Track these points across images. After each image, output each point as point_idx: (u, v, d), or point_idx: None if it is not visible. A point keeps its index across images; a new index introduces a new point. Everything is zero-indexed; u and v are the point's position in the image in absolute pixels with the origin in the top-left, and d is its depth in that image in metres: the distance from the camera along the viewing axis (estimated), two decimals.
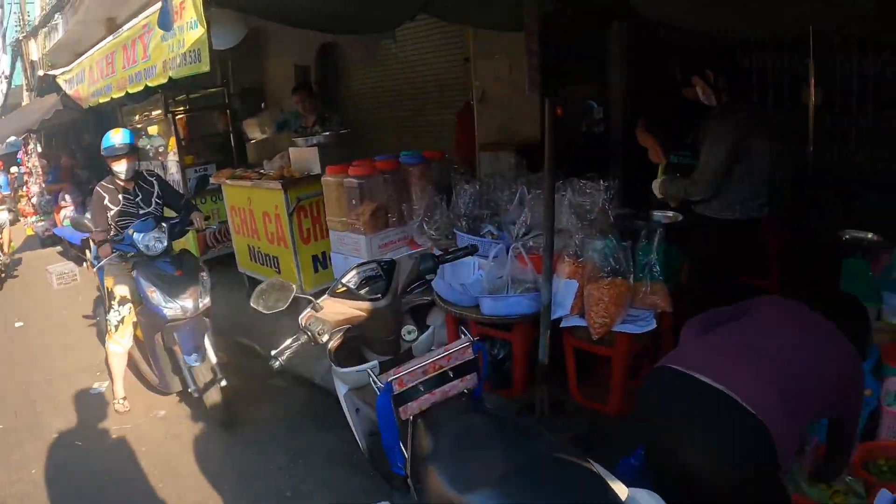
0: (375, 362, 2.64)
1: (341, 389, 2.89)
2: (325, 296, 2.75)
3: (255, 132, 9.32)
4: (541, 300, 3.87)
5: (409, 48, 8.53)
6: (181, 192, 7.28)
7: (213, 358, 4.71)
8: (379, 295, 2.74)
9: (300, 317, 2.64)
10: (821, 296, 2.91)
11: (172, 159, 8.63)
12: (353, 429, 2.94)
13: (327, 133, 6.83)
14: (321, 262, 6.39)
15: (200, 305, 4.79)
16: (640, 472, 3.13)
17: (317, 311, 2.64)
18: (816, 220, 6.16)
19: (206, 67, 4.15)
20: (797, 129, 6.02)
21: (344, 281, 2.86)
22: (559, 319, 4.09)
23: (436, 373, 2.50)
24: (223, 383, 4.67)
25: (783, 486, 2.46)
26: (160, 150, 9.01)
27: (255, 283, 6.66)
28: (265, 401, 5.13)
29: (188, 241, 7.76)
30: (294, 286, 2.73)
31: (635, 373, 4.32)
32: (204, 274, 4.94)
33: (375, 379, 2.46)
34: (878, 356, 3.79)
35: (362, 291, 2.81)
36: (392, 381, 2.41)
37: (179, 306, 4.67)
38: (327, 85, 10.15)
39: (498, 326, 4.26)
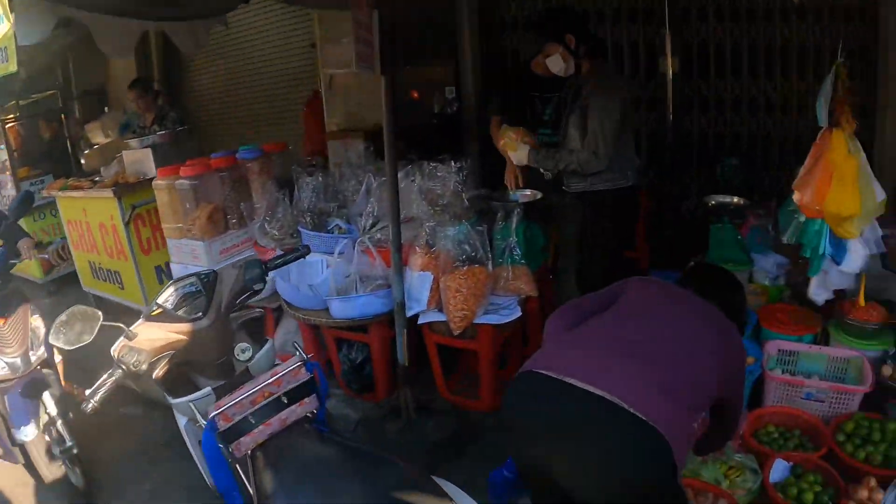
0: (208, 389, 2.32)
1: (180, 420, 2.53)
2: (140, 320, 2.40)
3: (98, 136, 8.52)
4: (393, 297, 3.50)
5: (253, 35, 8.13)
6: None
7: (57, 421, 3.75)
8: (200, 313, 2.39)
9: (112, 349, 2.30)
10: (695, 273, 2.67)
11: (3, 174, 7.75)
12: (199, 464, 2.59)
13: (162, 132, 6.28)
14: (166, 273, 5.82)
15: (33, 359, 3.78)
16: (514, 486, 2.88)
17: (130, 339, 2.28)
18: (680, 187, 6.19)
19: (13, 67, 3.77)
20: (655, 97, 6.03)
21: (160, 301, 2.48)
22: (417, 316, 3.76)
23: (267, 401, 2.20)
24: (74, 450, 3.74)
25: (681, 490, 2.15)
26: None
27: (102, 302, 6.13)
28: (119, 433, 4.50)
29: (30, 263, 6.97)
30: (100, 314, 2.35)
31: (505, 362, 4.11)
32: (36, 318, 3.95)
33: (198, 415, 2.16)
34: (756, 320, 3.72)
35: (181, 311, 2.44)
36: (215, 416, 2.10)
37: (4, 364, 3.72)
38: (171, 80, 9.54)
39: (353, 328, 3.89)
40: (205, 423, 2.12)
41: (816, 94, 5.38)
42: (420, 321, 3.77)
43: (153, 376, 2.40)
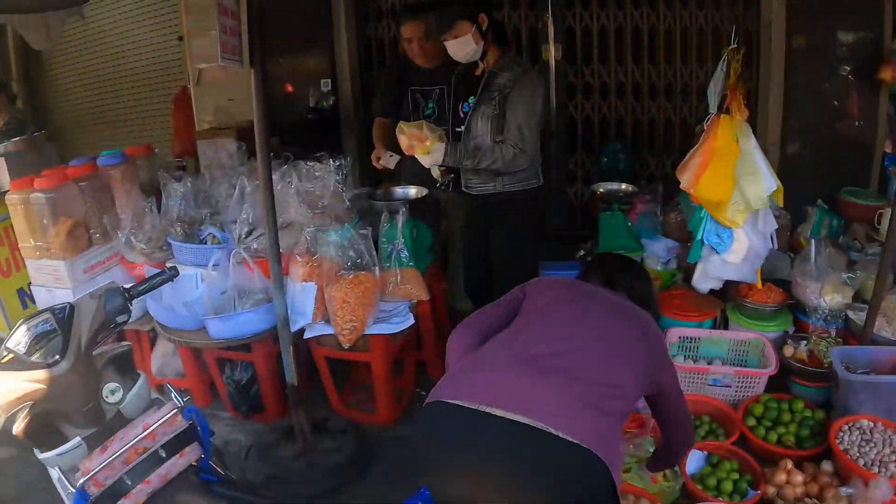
0: (77, 440, 2.09)
1: (52, 474, 2.21)
2: None
3: None
4: (276, 312, 3.21)
5: (116, 28, 7.62)
6: None
7: None
8: (57, 356, 2.10)
9: None
10: (598, 265, 2.54)
11: None
12: None
13: (17, 139, 5.70)
14: (30, 297, 5.30)
15: None
16: None
17: None
18: (565, 174, 6.16)
19: None
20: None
21: (10, 346, 2.17)
22: (303, 330, 3.51)
23: (142, 457, 2.01)
24: None
25: None
26: None
27: None
28: None
29: None
30: None
31: (400, 369, 3.93)
32: None
33: (65, 481, 1.96)
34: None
35: (35, 356, 2.15)
36: (84, 483, 1.91)
37: None
38: (30, 79, 8.83)
39: (235, 347, 3.57)
40: (73, 489, 1.90)
41: (700, 79, 5.62)
42: (306, 335, 3.51)
43: (13, 432, 2.11)
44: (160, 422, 2.04)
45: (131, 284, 2.44)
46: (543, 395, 1.84)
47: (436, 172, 3.65)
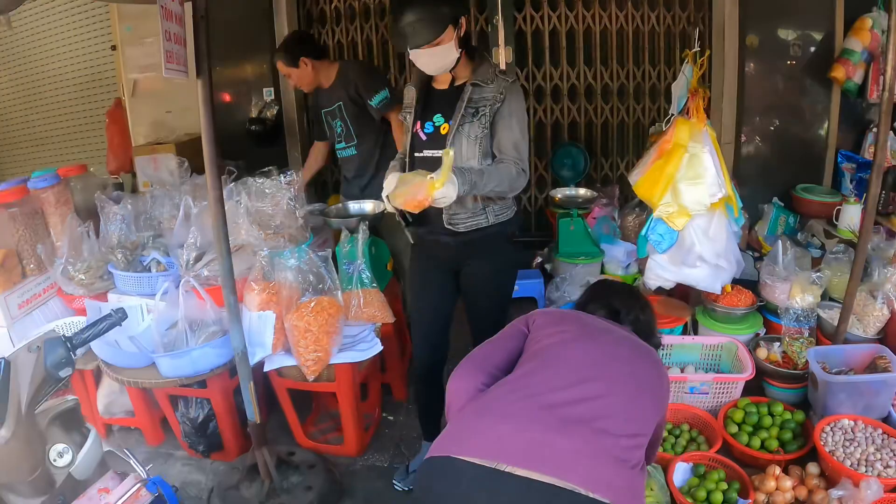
0: None
1: None
2: None
3: None
4: (232, 345, 2.97)
5: (44, 37, 7.25)
6: None
7: None
8: None
9: None
10: (599, 295, 2.38)
11: None
12: None
13: None
14: None
15: None
16: None
17: None
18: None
19: None
20: None
21: None
22: (263, 362, 3.28)
23: None
24: None
25: None
26: None
27: None
28: None
29: None
30: None
31: (366, 394, 3.76)
32: None
33: None
34: None
35: None
36: None
37: None
38: None
39: (190, 384, 3.29)
40: None
41: (653, 80, 5.63)
42: (266, 368, 3.28)
43: None
44: (122, 499, 1.86)
45: (73, 332, 2.20)
46: (568, 449, 1.67)
47: (390, 206, 2.85)
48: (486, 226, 2.96)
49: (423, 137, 2.98)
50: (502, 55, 5.56)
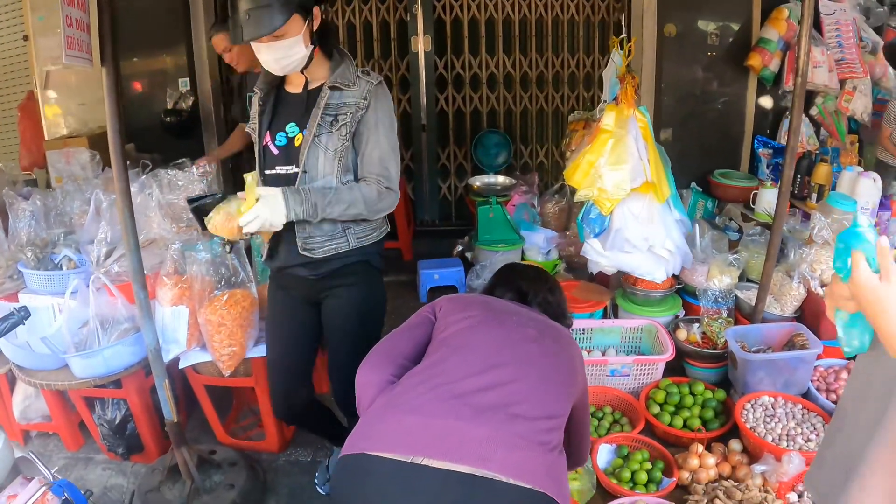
0: None
1: None
2: None
3: None
4: (145, 343, 2.86)
5: None
6: None
7: None
8: None
9: None
10: (506, 278, 2.33)
11: None
12: None
13: None
14: None
15: None
16: None
17: None
18: (438, 168, 6.07)
19: None
20: (408, 76, 5.82)
21: None
22: (178, 359, 3.18)
23: None
24: None
25: None
26: None
27: None
28: None
29: None
30: None
31: None
32: None
33: None
34: None
35: None
36: None
37: None
38: None
39: (105, 384, 3.15)
40: None
41: (572, 68, 5.68)
42: (182, 365, 3.18)
43: None
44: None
45: None
46: (484, 437, 1.63)
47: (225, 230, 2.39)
48: (347, 251, 2.54)
49: (275, 151, 2.52)
50: (421, 43, 5.58)
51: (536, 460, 1.63)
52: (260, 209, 2.27)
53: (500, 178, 4.95)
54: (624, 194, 3.34)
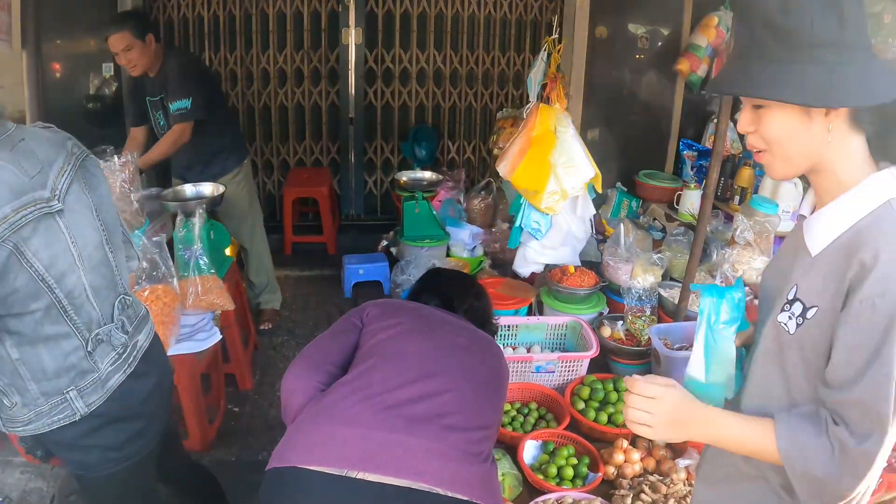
0: None
1: None
2: None
3: None
4: None
5: None
6: None
7: None
8: None
9: None
10: (432, 285, 2.31)
11: None
12: None
13: None
14: None
15: None
16: None
17: None
18: (365, 162, 6.01)
19: None
20: (334, 69, 5.74)
21: None
22: None
23: None
24: None
25: None
26: None
27: None
28: None
29: None
30: None
31: (209, 386, 3.58)
32: None
33: None
34: None
35: None
36: None
37: None
38: None
39: None
40: None
41: (502, 66, 5.68)
42: None
43: None
44: None
45: None
46: (418, 449, 1.60)
47: None
48: None
49: None
50: (352, 36, 5.51)
51: (471, 472, 1.61)
52: None
53: (427, 174, 4.90)
54: (580, 191, 3.35)
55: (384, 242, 4.88)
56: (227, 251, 3.81)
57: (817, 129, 1.22)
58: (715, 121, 5.31)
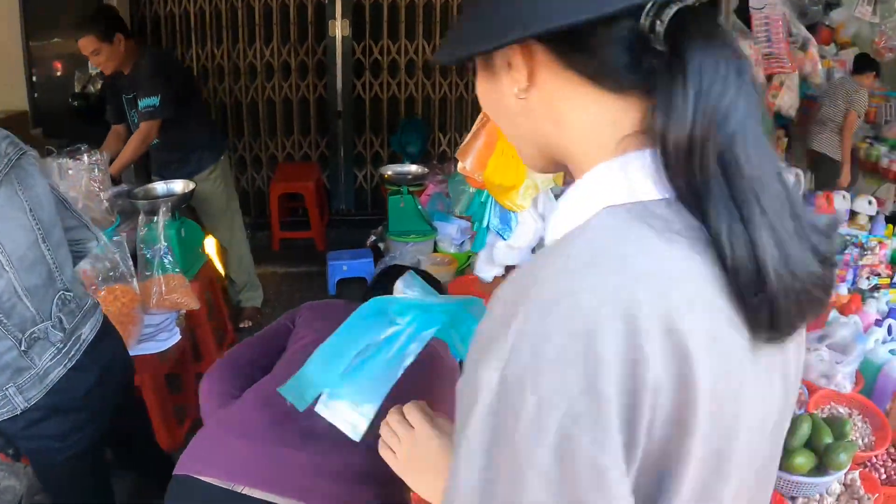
0: None
1: None
2: None
3: None
4: None
5: None
6: None
7: None
8: None
9: None
10: (385, 284, 2.21)
11: None
12: None
13: None
14: None
15: None
16: None
17: None
18: (353, 155, 5.96)
19: None
20: (321, 62, 5.69)
21: None
22: None
23: None
24: None
25: None
26: None
27: None
28: None
29: None
30: None
31: (179, 386, 3.55)
32: None
33: None
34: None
35: None
36: None
37: None
38: None
39: None
40: None
41: None
42: None
43: None
44: None
45: None
46: (307, 465, 1.51)
47: None
48: None
49: None
50: (339, 27, 5.45)
51: (361, 494, 1.53)
52: None
53: (413, 167, 4.83)
54: (551, 184, 3.26)
55: (372, 238, 4.83)
56: (211, 248, 3.76)
57: (507, 90, 0.79)
58: None
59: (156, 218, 3.17)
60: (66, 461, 2.01)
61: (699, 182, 0.67)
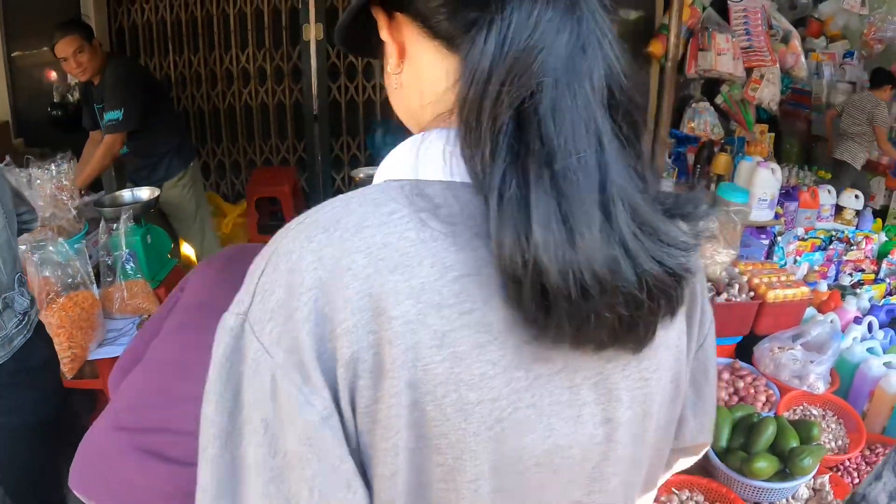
0: None
1: None
2: None
3: None
4: None
5: None
6: None
7: None
8: None
9: None
10: None
11: None
12: None
13: None
14: None
15: None
16: None
17: None
18: (331, 159, 5.97)
19: None
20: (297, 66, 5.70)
21: None
22: None
23: None
24: None
25: None
26: None
27: None
28: None
29: None
30: None
31: None
32: None
33: None
34: None
35: None
36: None
37: None
38: None
39: None
40: None
41: None
42: None
43: None
44: None
45: None
46: (143, 488, 1.46)
47: None
48: None
49: None
50: (313, 31, 5.46)
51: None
52: None
53: None
54: None
55: None
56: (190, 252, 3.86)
57: (389, 70, 0.80)
58: (693, 105, 5.20)
59: (116, 225, 3.20)
60: (12, 433, 2.19)
61: (489, 150, 0.62)
